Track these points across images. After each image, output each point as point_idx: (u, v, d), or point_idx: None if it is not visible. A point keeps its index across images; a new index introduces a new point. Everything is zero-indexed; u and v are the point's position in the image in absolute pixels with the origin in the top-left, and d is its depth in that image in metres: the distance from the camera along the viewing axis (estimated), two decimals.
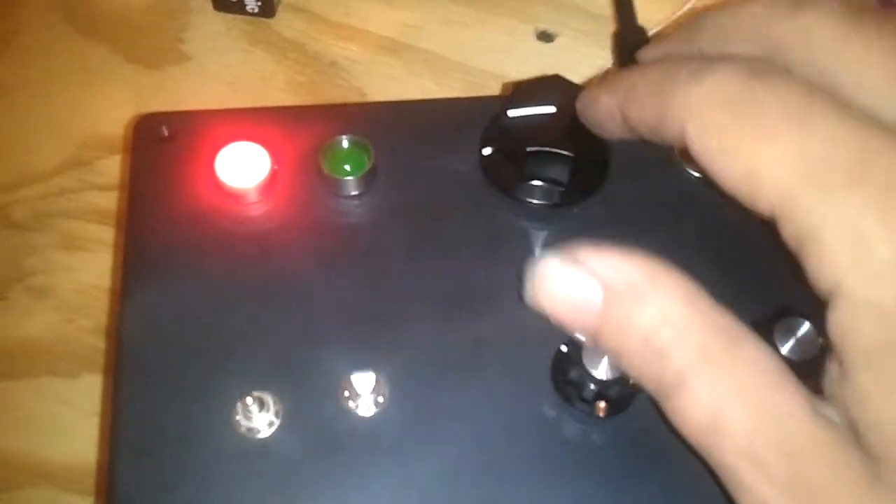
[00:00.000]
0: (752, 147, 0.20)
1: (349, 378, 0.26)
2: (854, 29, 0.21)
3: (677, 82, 0.22)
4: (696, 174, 0.30)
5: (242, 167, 0.29)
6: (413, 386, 0.27)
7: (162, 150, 0.30)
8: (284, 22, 0.44)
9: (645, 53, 0.29)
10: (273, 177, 0.29)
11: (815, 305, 0.25)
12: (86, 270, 0.39)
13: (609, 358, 0.23)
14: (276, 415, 0.26)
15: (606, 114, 0.25)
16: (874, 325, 0.18)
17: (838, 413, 0.19)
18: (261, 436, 0.26)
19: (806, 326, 0.25)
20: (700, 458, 0.20)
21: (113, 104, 0.42)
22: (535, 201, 0.29)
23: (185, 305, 0.28)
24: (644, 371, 0.21)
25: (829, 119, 0.19)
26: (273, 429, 0.26)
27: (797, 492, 0.19)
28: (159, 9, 0.45)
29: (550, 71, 0.31)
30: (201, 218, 0.29)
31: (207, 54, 0.44)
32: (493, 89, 0.43)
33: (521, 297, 0.22)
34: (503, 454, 0.26)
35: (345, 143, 0.29)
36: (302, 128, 0.30)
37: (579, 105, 0.27)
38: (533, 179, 0.28)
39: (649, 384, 0.21)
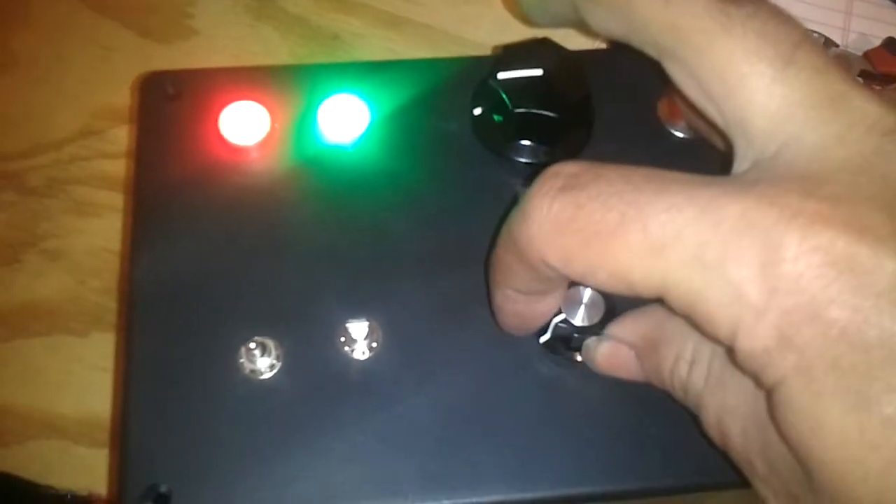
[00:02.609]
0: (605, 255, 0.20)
1: (345, 325, 0.28)
2: (722, 27, 0.20)
3: None
4: (679, 133, 0.31)
5: (245, 125, 0.30)
6: (406, 332, 0.28)
7: (168, 107, 0.31)
8: None
9: None
10: (273, 134, 0.30)
11: None
12: (96, 234, 0.40)
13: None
14: (278, 358, 0.28)
15: None
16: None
17: None
18: (263, 377, 0.28)
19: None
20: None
21: (123, 77, 0.44)
22: (522, 160, 0.30)
23: (191, 257, 0.29)
24: (684, 401, 0.24)
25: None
26: (274, 371, 0.28)
27: None
28: None
29: None
30: (206, 173, 0.30)
31: (214, 29, 0.45)
32: None
33: None
34: (489, 395, 0.28)
35: (342, 101, 0.31)
36: (301, 86, 0.32)
37: None
38: (520, 139, 0.30)
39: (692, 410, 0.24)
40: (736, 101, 0.21)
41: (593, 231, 0.20)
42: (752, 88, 0.20)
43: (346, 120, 0.31)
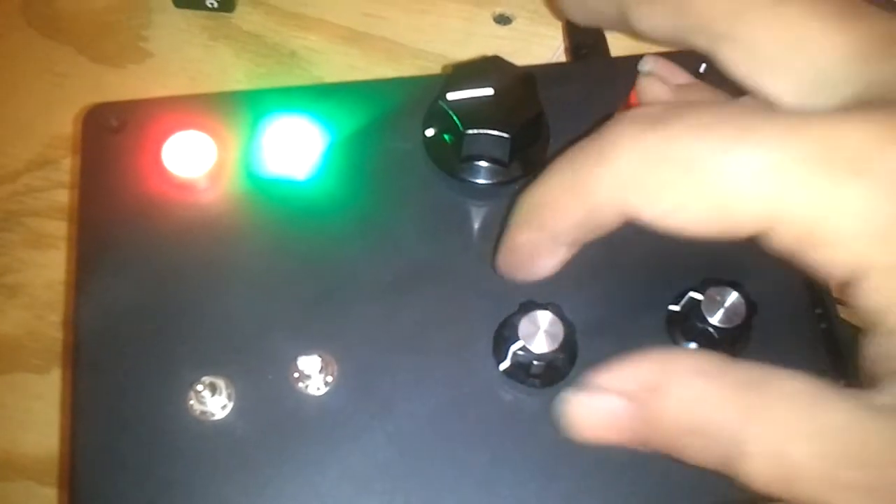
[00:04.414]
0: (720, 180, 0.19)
1: (296, 361, 0.27)
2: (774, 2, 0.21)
3: None
4: None
5: (189, 156, 0.29)
6: (361, 365, 0.27)
7: (111, 140, 0.30)
8: (244, 16, 0.45)
9: None
10: (220, 164, 0.29)
11: (740, 273, 0.26)
12: (54, 267, 0.40)
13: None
14: (229, 398, 0.27)
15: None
16: None
17: (889, 390, 0.19)
18: (215, 418, 0.27)
19: (732, 295, 0.26)
20: None
21: (78, 104, 0.43)
22: (476, 181, 0.29)
23: (137, 294, 0.28)
24: (702, 455, 0.20)
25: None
26: (227, 412, 0.27)
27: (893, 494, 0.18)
28: (120, 7, 0.45)
29: (509, 53, 0.31)
30: (151, 206, 0.29)
31: (169, 51, 0.44)
32: None
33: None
34: (450, 427, 0.27)
35: (290, 126, 0.30)
36: (248, 112, 0.31)
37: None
38: (473, 160, 0.29)
39: (713, 465, 0.20)
40: (804, 58, 0.21)
41: (689, 160, 0.19)
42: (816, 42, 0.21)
43: (296, 146, 0.30)
